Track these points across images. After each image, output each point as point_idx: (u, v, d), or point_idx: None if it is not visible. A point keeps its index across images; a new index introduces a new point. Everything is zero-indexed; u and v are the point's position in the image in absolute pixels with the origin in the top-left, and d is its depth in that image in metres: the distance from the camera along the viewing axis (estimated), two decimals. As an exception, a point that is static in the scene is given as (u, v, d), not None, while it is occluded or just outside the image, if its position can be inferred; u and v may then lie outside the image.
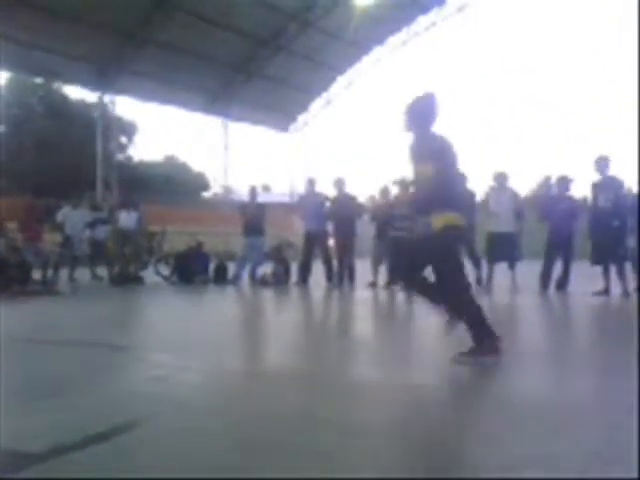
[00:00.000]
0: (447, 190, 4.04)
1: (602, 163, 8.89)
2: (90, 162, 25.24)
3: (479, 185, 10.70)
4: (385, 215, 10.12)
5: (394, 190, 10.47)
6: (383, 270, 10.41)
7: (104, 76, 23.60)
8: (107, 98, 25.41)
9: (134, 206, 11.85)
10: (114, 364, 4.10)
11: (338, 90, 31.89)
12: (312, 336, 5.21)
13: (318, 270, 10.73)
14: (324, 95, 32.01)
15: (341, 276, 10.69)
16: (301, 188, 19.42)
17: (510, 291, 9.22)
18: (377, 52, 30.20)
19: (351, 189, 11.05)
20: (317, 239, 10.62)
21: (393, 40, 29.67)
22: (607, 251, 8.63)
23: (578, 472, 2.11)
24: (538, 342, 5.22)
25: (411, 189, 9.85)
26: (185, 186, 34.19)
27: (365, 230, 11.28)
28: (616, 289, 8.60)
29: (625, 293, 8.47)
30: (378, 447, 2.42)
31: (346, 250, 10.65)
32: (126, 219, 11.54)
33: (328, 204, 10.87)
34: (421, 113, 4.15)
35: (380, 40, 29.35)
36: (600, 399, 3.21)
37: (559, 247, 9.23)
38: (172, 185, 32.82)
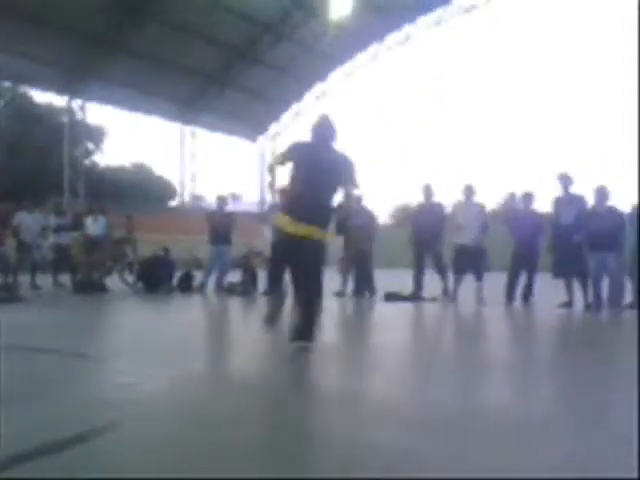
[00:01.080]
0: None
1: (564, 180, 9.13)
2: (56, 167, 24.91)
3: (447, 198, 10.84)
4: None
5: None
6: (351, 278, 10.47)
7: (73, 81, 23.37)
8: (76, 103, 25.14)
9: (102, 212, 11.69)
10: (78, 372, 4.03)
11: (309, 101, 32.04)
12: (277, 344, 5.19)
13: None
14: (295, 106, 32.14)
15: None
16: (270, 198, 19.37)
17: (475, 302, 9.31)
18: (349, 65, 30.47)
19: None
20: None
21: (363, 55, 29.99)
22: (568, 265, 8.80)
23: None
24: (501, 351, 5.28)
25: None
26: (152, 193, 33.95)
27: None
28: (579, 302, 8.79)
29: (587, 306, 8.64)
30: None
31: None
32: (92, 225, 11.38)
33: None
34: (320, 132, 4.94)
35: (351, 54, 29.62)
36: (557, 411, 3.25)
37: (524, 260, 9.40)
38: (139, 192, 32.56)
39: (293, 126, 33.16)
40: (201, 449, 2.47)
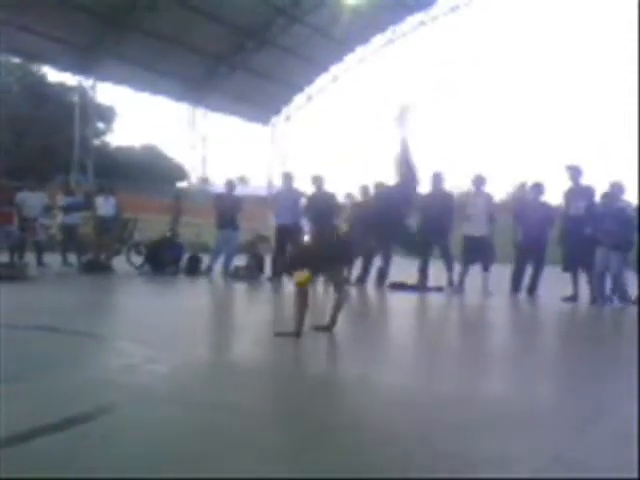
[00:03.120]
0: None
1: (574, 172, 9.05)
2: (66, 146, 24.89)
3: (455, 188, 10.78)
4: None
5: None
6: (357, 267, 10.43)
7: (85, 60, 23.29)
8: (87, 82, 25.10)
9: (112, 192, 11.71)
10: (83, 352, 4.06)
11: (321, 86, 31.87)
12: (280, 330, 5.20)
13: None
14: (307, 90, 31.97)
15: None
16: (279, 182, 19.35)
17: (481, 293, 9.29)
18: (362, 50, 30.22)
19: (329, 186, 11.01)
20: (290, 234, 10.54)
21: (379, 39, 29.72)
22: (578, 258, 8.75)
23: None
24: (504, 342, 5.28)
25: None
26: (161, 175, 33.93)
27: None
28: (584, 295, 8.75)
29: (593, 300, 8.60)
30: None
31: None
32: (104, 205, 11.39)
33: (304, 200, 10.81)
34: None
35: (366, 39, 29.37)
36: (559, 403, 3.24)
37: (531, 252, 9.35)
38: (148, 173, 32.54)
39: (305, 109, 33.03)
40: (199, 434, 2.47)
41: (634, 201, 9.05)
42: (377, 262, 10.36)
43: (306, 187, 11.09)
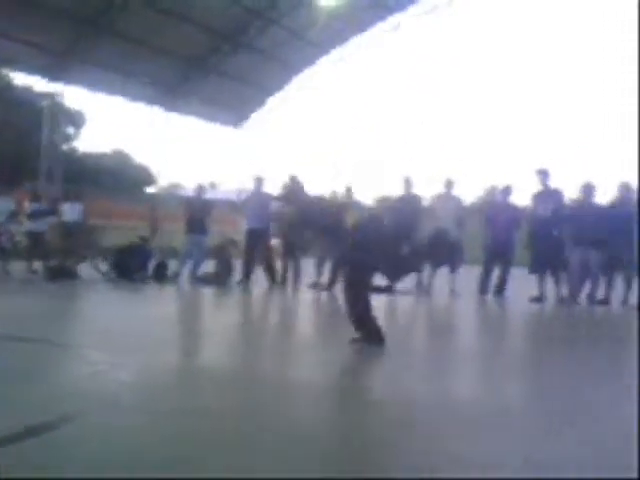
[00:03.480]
0: None
1: (543, 175, 9.17)
2: (34, 152, 24.49)
3: (425, 191, 10.82)
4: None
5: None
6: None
7: (55, 64, 22.91)
8: (57, 87, 24.71)
9: (78, 198, 11.53)
10: (48, 360, 3.99)
11: (293, 89, 31.83)
12: (247, 335, 5.16)
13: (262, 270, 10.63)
14: (278, 94, 31.91)
15: (284, 277, 10.62)
16: (249, 186, 19.26)
17: (450, 295, 9.35)
18: (338, 53, 30.23)
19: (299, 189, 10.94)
20: (259, 238, 10.51)
21: (354, 41, 29.74)
22: (546, 260, 8.85)
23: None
24: (473, 343, 5.30)
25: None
26: (130, 180, 33.62)
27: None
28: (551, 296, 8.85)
29: (560, 300, 8.70)
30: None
31: (291, 250, 10.56)
32: (70, 211, 11.21)
33: (274, 204, 10.76)
34: None
35: (342, 40, 29.35)
36: (525, 404, 3.26)
37: (499, 254, 9.43)
38: (117, 178, 32.23)
39: (277, 114, 32.96)
40: (167, 439, 2.44)
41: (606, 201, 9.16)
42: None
43: (277, 190, 11.02)
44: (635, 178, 9.05)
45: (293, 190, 10.09)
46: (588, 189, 8.79)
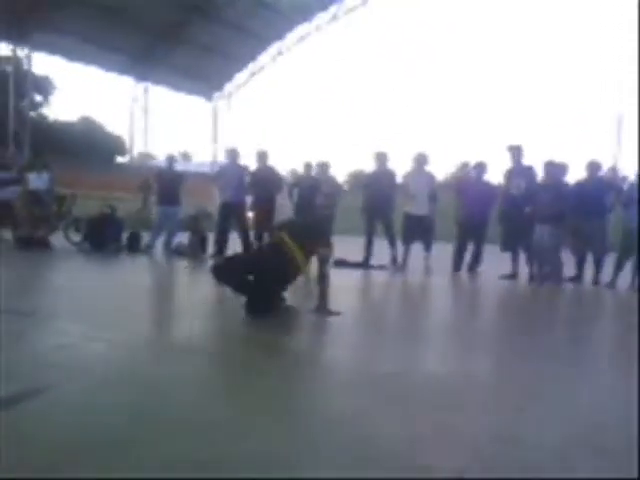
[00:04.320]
0: None
1: (515, 151, 9.21)
2: (0, 119, 23.92)
3: (400, 166, 10.84)
4: (309, 188, 10.07)
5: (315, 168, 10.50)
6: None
7: (20, 28, 22.30)
8: (22, 52, 24.07)
9: (45, 167, 11.31)
10: (19, 331, 3.91)
11: (265, 61, 31.52)
12: (220, 309, 5.14)
13: (236, 242, 10.59)
14: (250, 66, 31.58)
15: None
16: (222, 158, 19.05)
17: (424, 271, 9.42)
18: (305, 28, 29.96)
19: (273, 162, 10.92)
20: (234, 211, 10.44)
21: (321, 17, 29.50)
22: (516, 237, 8.94)
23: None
24: (448, 319, 5.36)
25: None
26: (101, 149, 33.08)
27: (284, 204, 11.17)
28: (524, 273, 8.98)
29: (531, 278, 8.82)
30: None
31: (264, 223, 10.52)
32: (36, 180, 11.00)
33: (248, 177, 10.69)
34: None
35: (310, 15, 29.11)
36: (498, 380, 3.31)
37: (472, 230, 9.51)
38: (87, 147, 31.67)
39: (249, 85, 32.67)
40: (136, 416, 2.42)
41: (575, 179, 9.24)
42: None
43: (250, 163, 10.97)
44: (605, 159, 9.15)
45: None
46: (549, 167, 8.85)
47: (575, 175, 9.23)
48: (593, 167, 8.93)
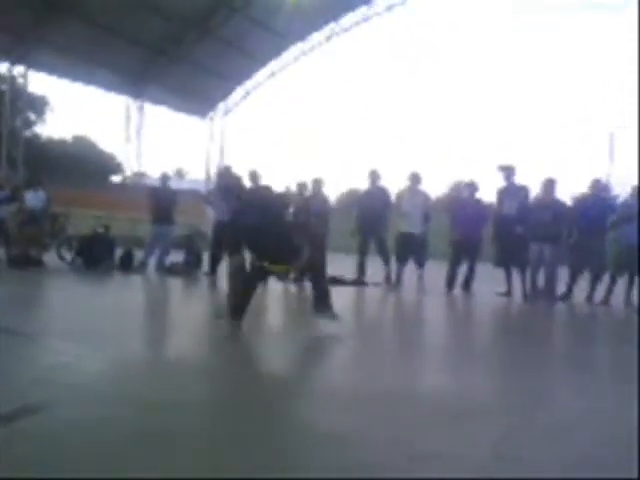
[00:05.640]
0: None
1: (507, 171, 9.26)
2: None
3: (393, 185, 10.88)
4: (303, 209, 10.09)
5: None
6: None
7: (16, 46, 22.39)
8: (17, 70, 24.16)
9: (41, 185, 11.31)
10: (14, 350, 3.89)
11: (260, 80, 31.71)
12: (215, 327, 5.13)
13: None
14: (246, 84, 31.75)
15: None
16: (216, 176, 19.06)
17: (417, 290, 9.43)
18: (301, 46, 30.20)
19: (267, 181, 10.93)
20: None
21: (317, 36, 29.77)
22: (509, 255, 8.97)
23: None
24: (441, 337, 5.36)
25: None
26: (94, 168, 33.08)
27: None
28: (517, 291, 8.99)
29: (524, 296, 8.83)
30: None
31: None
32: (33, 199, 10.99)
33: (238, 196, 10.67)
34: None
35: (307, 33, 29.34)
36: (491, 398, 3.31)
37: (465, 249, 9.52)
38: (81, 166, 31.68)
39: (244, 103, 32.82)
40: (131, 434, 2.41)
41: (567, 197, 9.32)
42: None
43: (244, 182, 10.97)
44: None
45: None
46: (548, 185, 8.92)
47: (564, 191, 9.31)
48: (596, 185, 9.00)
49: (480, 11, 48.51)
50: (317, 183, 10.46)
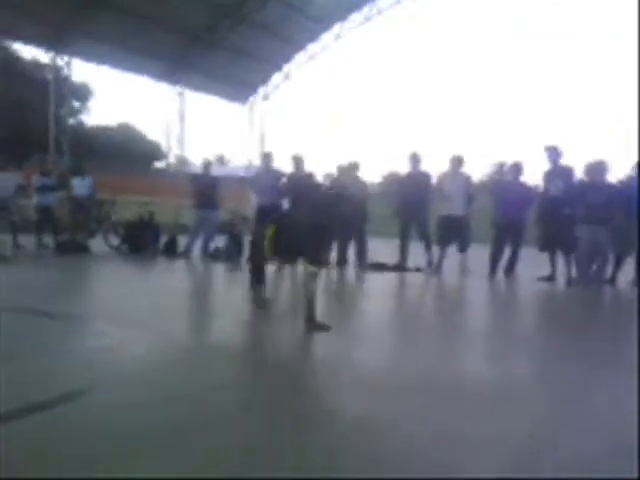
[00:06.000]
0: None
1: (553, 152, 9.06)
2: (41, 125, 24.45)
3: (435, 168, 10.76)
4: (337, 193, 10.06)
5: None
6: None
7: (60, 37, 22.81)
8: (62, 59, 24.61)
9: (88, 172, 11.57)
10: (57, 333, 4.00)
11: (298, 64, 31.62)
12: (257, 312, 5.17)
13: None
14: (285, 68, 31.71)
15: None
16: (257, 162, 19.18)
17: (459, 274, 9.34)
18: (338, 28, 29.97)
19: (308, 166, 10.93)
20: (271, 215, 10.46)
21: (356, 17, 29.47)
22: (555, 239, 8.80)
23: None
24: (482, 322, 5.32)
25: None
26: (138, 155, 33.59)
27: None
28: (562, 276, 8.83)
29: (569, 281, 8.68)
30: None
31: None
32: (80, 186, 11.25)
33: (284, 180, 10.74)
34: None
35: (342, 17, 29.11)
36: (535, 382, 3.27)
37: (509, 232, 9.38)
38: (125, 153, 32.20)
39: (283, 88, 32.82)
40: (173, 418, 2.45)
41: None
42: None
43: (286, 167, 11.02)
44: None
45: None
46: (598, 167, 8.69)
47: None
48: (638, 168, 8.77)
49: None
50: (353, 167, 10.41)
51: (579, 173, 8.88)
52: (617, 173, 9.20)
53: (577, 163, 8.99)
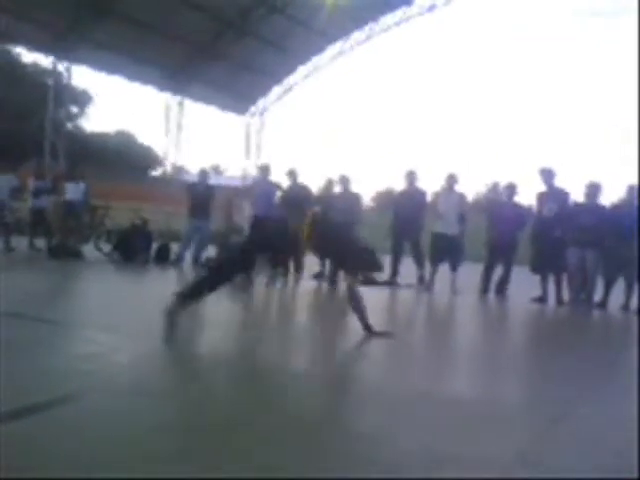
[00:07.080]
0: None
1: (547, 174, 9.12)
2: (38, 129, 24.48)
3: (429, 186, 10.80)
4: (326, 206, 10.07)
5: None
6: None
7: (61, 42, 22.88)
8: (62, 65, 24.67)
9: (81, 177, 11.56)
10: (45, 338, 3.97)
11: (299, 78, 31.78)
12: (248, 321, 5.17)
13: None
14: (285, 82, 31.86)
15: (286, 266, 10.62)
16: (254, 173, 19.21)
17: (450, 292, 9.35)
18: (341, 45, 30.17)
19: (303, 180, 10.96)
20: (264, 226, 10.46)
21: (358, 34, 29.69)
22: (547, 260, 8.84)
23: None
24: (471, 341, 5.31)
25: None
26: (135, 162, 33.60)
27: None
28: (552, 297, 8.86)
29: (560, 301, 8.71)
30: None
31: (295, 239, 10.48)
32: (73, 190, 11.24)
33: (279, 193, 10.75)
34: None
35: (345, 34, 29.32)
36: (522, 403, 3.27)
37: (501, 252, 9.41)
38: (121, 159, 32.20)
39: (282, 101, 32.94)
40: (160, 425, 2.44)
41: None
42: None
43: (282, 179, 11.04)
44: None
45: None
46: (593, 189, 8.75)
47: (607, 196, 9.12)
48: (630, 192, 8.82)
49: (524, 10, 47.83)
50: (343, 181, 10.43)
51: (575, 195, 8.96)
52: (610, 196, 9.21)
53: (572, 185, 9.07)
